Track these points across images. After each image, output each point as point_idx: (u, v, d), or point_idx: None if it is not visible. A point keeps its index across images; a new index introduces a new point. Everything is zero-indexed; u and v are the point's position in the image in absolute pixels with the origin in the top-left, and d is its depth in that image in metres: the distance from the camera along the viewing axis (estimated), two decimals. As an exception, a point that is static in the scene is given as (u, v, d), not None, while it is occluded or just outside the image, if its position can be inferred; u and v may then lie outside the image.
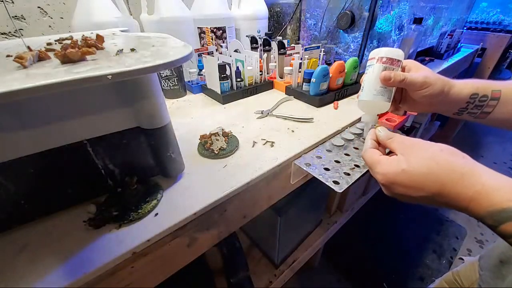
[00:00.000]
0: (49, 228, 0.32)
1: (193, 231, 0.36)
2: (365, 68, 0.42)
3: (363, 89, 0.41)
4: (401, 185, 0.29)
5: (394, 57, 0.39)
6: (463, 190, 0.25)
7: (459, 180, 0.25)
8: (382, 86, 0.39)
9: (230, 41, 0.83)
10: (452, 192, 0.26)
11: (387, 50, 0.40)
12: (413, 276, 1.17)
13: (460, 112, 0.41)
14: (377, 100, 0.40)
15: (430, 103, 0.40)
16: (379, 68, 0.39)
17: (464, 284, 0.56)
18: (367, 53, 0.77)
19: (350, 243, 1.32)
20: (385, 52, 0.39)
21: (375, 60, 0.40)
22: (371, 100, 0.40)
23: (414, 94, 0.39)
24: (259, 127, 0.57)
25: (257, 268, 0.84)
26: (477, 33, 1.49)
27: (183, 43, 0.33)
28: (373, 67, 0.40)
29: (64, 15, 0.71)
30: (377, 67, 0.39)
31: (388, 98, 0.40)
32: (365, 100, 0.41)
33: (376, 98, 0.39)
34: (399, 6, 0.75)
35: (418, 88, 0.38)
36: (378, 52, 0.40)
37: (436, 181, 0.26)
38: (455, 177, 0.26)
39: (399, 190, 0.29)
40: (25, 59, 0.25)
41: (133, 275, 0.31)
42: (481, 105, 0.39)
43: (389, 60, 0.39)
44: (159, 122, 0.35)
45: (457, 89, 0.39)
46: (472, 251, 1.29)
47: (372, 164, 0.32)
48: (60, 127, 0.30)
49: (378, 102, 0.40)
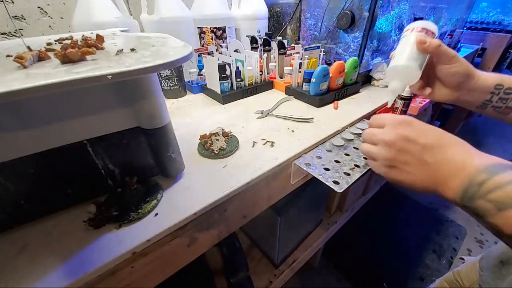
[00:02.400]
0: (49, 228, 0.32)
1: (193, 231, 0.36)
2: (398, 42, 0.42)
3: (394, 57, 0.41)
4: (411, 124, 0.32)
5: (429, 28, 0.39)
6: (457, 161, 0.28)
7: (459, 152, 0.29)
8: (415, 53, 0.38)
9: (230, 41, 0.83)
10: (449, 153, 0.29)
11: (422, 22, 0.40)
12: (413, 276, 1.17)
13: (484, 104, 0.41)
14: (410, 65, 0.38)
15: (456, 86, 0.40)
16: (414, 36, 0.39)
17: (464, 284, 0.56)
18: (367, 53, 0.77)
19: (350, 243, 1.32)
20: (420, 23, 0.40)
21: (409, 31, 0.41)
22: (403, 64, 0.38)
23: (442, 69, 0.40)
24: (259, 127, 0.57)
25: (257, 268, 0.84)
26: (477, 33, 1.49)
27: (183, 43, 0.33)
28: (408, 36, 0.40)
29: (64, 15, 0.71)
30: (413, 35, 0.39)
31: (420, 66, 0.38)
32: (396, 65, 0.39)
33: (408, 63, 0.38)
34: (399, 6, 0.75)
35: (448, 61, 0.39)
36: (413, 25, 0.41)
37: (439, 136, 0.30)
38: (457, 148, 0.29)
39: (406, 131, 0.31)
40: (25, 59, 0.25)
41: (133, 275, 0.31)
42: (506, 98, 0.39)
43: (423, 30, 0.39)
44: (159, 122, 0.35)
45: (482, 77, 0.40)
46: (472, 251, 1.29)
47: (385, 117, 0.35)
48: (60, 127, 0.30)
49: (410, 68, 0.38)
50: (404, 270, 1.20)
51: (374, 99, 0.73)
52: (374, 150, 0.34)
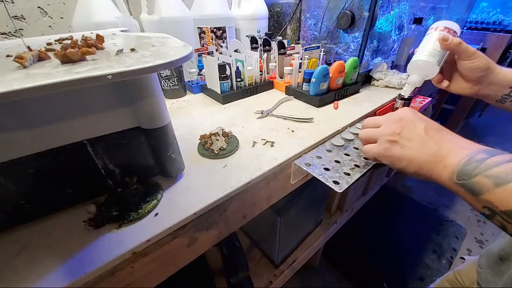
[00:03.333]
0: (49, 228, 0.32)
1: (193, 231, 0.36)
2: (423, 39, 0.48)
3: (416, 53, 0.46)
4: (413, 110, 0.35)
5: (451, 27, 0.45)
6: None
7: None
8: (435, 50, 0.44)
9: (230, 41, 0.83)
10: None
11: (446, 21, 0.46)
12: (413, 276, 1.17)
13: (503, 99, 0.43)
14: (429, 60, 0.44)
15: (476, 80, 0.43)
16: (437, 34, 0.44)
17: (465, 283, 0.56)
18: (367, 53, 0.77)
19: (350, 243, 1.32)
20: (443, 23, 0.46)
21: (433, 30, 0.46)
22: (424, 59, 0.45)
23: (462, 65, 0.43)
24: (259, 127, 0.57)
25: (257, 268, 0.84)
26: (477, 33, 1.49)
27: (183, 43, 0.33)
28: (431, 34, 0.46)
29: (64, 15, 0.71)
30: (436, 33, 0.45)
31: (438, 62, 0.44)
32: (417, 60, 0.45)
33: (428, 59, 0.44)
34: (399, 6, 0.75)
35: (468, 57, 0.41)
36: (437, 24, 0.46)
37: (439, 125, 0.34)
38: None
39: (410, 114, 0.35)
40: (25, 59, 0.25)
41: (133, 275, 0.31)
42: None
43: (446, 29, 0.45)
44: (159, 122, 0.35)
45: (502, 72, 0.42)
46: (472, 251, 1.29)
47: (378, 117, 0.38)
48: (60, 127, 0.30)
49: (429, 63, 0.44)
50: (404, 270, 1.20)
51: (374, 99, 0.73)
52: (378, 130, 0.36)
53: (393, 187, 1.69)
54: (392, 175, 1.35)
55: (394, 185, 1.70)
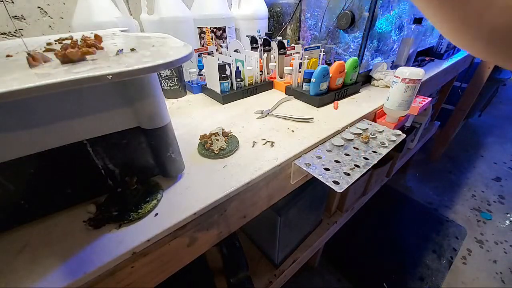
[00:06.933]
0: (49, 228, 0.32)
1: (193, 231, 0.36)
2: (392, 83, 0.61)
3: (389, 99, 0.62)
4: None
5: (416, 78, 0.56)
6: None
7: None
8: (404, 100, 0.59)
9: (230, 41, 0.83)
10: None
11: (410, 71, 0.56)
12: (413, 276, 1.17)
13: None
14: (399, 110, 0.62)
15: None
16: (402, 86, 0.58)
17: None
18: (367, 53, 0.77)
19: (350, 243, 1.32)
20: (408, 74, 0.56)
21: (399, 80, 0.58)
22: (394, 110, 0.62)
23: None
24: (259, 127, 0.57)
25: (257, 268, 0.84)
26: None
27: (183, 43, 0.33)
28: (398, 84, 0.59)
29: (64, 15, 0.71)
30: (401, 85, 0.58)
31: (407, 108, 0.61)
32: (389, 109, 0.63)
33: (398, 109, 0.61)
34: (399, 6, 0.75)
35: None
36: (401, 72, 0.57)
37: None
38: None
39: None
40: (38, 61, 0.25)
41: (133, 275, 0.31)
42: None
43: (411, 81, 0.57)
44: (159, 122, 0.35)
45: None
46: (472, 251, 1.29)
47: None
48: (60, 127, 0.30)
49: (400, 112, 0.62)
50: (404, 270, 1.20)
51: (374, 99, 0.73)
52: None
53: (393, 187, 1.69)
54: (392, 175, 1.35)
55: (394, 185, 1.70)
